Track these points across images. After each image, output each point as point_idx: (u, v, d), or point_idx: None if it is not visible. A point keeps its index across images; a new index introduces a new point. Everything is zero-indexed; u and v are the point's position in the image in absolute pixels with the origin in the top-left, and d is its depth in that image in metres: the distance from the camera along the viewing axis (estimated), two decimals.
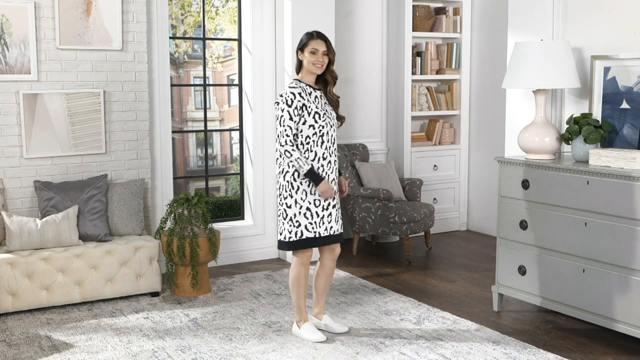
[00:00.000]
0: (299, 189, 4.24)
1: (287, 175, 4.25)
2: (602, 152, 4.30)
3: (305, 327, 4.43)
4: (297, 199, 4.24)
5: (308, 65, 4.26)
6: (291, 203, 4.24)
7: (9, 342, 4.38)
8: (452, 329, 4.61)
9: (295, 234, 4.26)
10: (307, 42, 4.26)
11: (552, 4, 5.01)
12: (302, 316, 4.45)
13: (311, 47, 4.24)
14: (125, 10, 5.51)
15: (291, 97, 4.18)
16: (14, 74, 5.18)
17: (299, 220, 4.25)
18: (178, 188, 6.92)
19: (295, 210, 4.25)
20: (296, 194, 4.24)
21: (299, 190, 4.24)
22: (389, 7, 7.18)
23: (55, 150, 5.35)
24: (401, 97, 7.13)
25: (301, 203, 4.24)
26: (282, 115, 4.18)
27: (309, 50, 4.24)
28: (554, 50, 4.61)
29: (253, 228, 6.42)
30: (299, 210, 4.24)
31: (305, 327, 4.43)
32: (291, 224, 4.25)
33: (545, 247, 4.59)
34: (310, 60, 4.24)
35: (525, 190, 4.68)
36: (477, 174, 7.50)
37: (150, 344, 4.34)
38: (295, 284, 4.40)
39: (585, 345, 4.35)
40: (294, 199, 4.24)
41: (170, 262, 5.31)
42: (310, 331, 4.41)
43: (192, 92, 7.68)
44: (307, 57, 4.25)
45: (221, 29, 7.30)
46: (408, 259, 6.34)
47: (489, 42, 7.19)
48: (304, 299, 4.43)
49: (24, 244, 4.95)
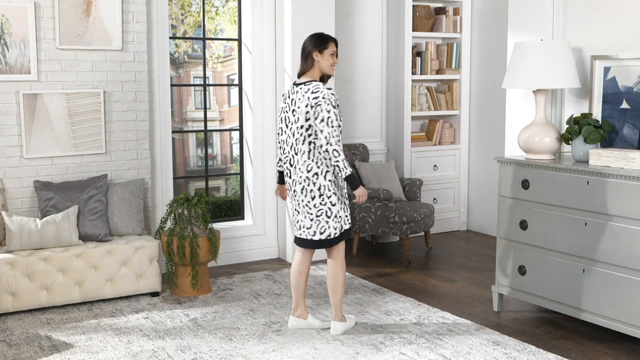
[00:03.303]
0: (337, 185, 4.37)
1: (328, 175, 4.32)
2: (602, 152, 4.30)
3: (349, 317, 4.63)
4: (338, 196, 4.36)
5: (326, 67, 4.38)
6: (335, 201, 4.34)
7: (9, 342, 4.38)
8: (452, 329, 4.61)
9: (340, 228, 4.40)
10: (327, 45, 4.36)
11: (552, 4, 5.01)
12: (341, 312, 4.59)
13: (331, 49, 4.37)
14: (125, 10, 5.51)
15: (335, 99, 4.28)
16: (14, 74, 5.18)
17: (341, 215, 4.38)
18: (178, 188, 6.93)
19: (339, 206, 4.36)
20: (338, 191, 4.36)
21: (338, 186, 4.37)
22: (389, 7, 7.18)
23: (55, 150, 5.35)
24: (401, 97, 7.13)
25: (342, 199, 4.39)
26: (329, 117, 4.24)
27: (330, 53, 4.36)
28: (554, 50, 4.61)
29: (253, 228, 6.42)
30: (341, 205, 4.38)
31: (350, 318, 4.63)
32: (336, 220, 4.37)
33: (545, 247, 4.59)
34: (330, 62, 4.38)
35: (525, 190, 4.68)
36: (477, 174, 7.50)
37: (150, 344, 4.34)
38: (344, 282, 4.52)
39: (585, 345, 4.35)
40: (337, 196, 4.35)
41: (170, 262, 5.31)
42: (351, 319, 4.65)
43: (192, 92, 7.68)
44: (326, 58, 4.36)
45: (221, 29, 7.30)
46: (408, 259, 6.34)
47: (489, 42, 7.19)
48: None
49: (24, 244, 4.95)
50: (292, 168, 4.38)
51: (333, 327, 4.51)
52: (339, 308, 4.52)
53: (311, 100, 4.24)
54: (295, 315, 4.61)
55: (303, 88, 4.31)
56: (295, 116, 4.30)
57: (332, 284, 4.47)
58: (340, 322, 4.52)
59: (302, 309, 4.59)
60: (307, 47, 4.37)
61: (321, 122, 4.22)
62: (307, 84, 4.32)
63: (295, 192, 4.37)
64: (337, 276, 4.46)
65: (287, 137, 4.40)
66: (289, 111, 4.37)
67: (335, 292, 4.48)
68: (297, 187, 4.34)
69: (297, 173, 4.34)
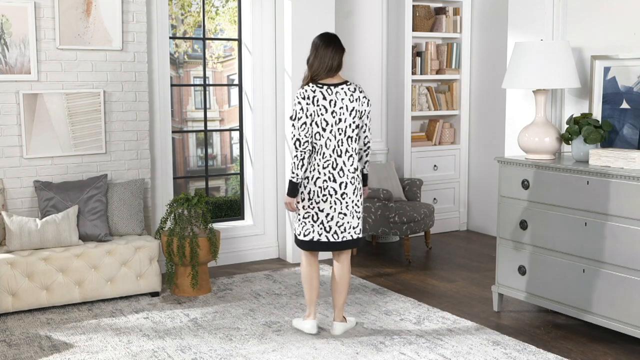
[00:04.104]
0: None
1: (367, 166, 4.45)
2: (602, 152, 4.30)
3: (350, 320, 4.63)
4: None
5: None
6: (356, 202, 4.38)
7: (9, 342, 4.38)
8: (452, 329, 4.61)
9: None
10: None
11: (552, 4, 5.01)
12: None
13: None
14: (125, 10, 5.51)
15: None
16: (14, 74, 5.18)
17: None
18: (178, 188, 6.92)
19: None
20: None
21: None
22: (389, 7, 7.18)
23: (55, 150, 5.35)
24: (401, 97, 7.13)
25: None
26: (370, 119, 4.34)
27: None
28: (554, 50, 4.60)
29: (253, 228, 6.42)
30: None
31: (350, 320, 4.63)
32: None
33: (545, 247, 4.59)
34: None
35: (525, 190, 4.68)
36: (477, 174, 7.50)
37: (150, 344, 4.34)
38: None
39: (585, 345, 4.35)
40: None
41: (170, 262, 5.31)
42: (351, 321, 4.68)
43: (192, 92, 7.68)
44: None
45: (221, 29, 7.30)
46: (408, 259, 6.34)
47: (489, 42, 7.19)
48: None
49: (24, 244, 4.95)
50: (335, 171, 4.28)
51: (337, 327, 4.51)
52: (343, 308, 4.54)
53: (363, 94, 4.32)
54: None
55: (350, 88, 4.31)
56: (345, 117, 4.25)
57: (345, 284, 4.47)
58: (341, 323, 4.53)
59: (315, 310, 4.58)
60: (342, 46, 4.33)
61: (367, 119, 4.34)
62: (349, 84, 4.32)
63: (345, 194, 4.29)
64: (349, 276, 4.49)
65: (326, 140, 4.26)
66: (329, 112, 4.24)
67: (345, 293, 4.48)
68: (349, 188, 4.30)
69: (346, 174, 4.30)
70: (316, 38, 4.32)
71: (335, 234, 4.31)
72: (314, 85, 4.24)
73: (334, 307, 4.51)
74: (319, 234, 4.31)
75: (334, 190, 4.26)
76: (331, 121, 4.22)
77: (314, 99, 4.21)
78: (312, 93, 4.22)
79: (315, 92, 4.22)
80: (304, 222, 4.32)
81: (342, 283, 4.45)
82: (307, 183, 4.27)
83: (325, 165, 4.25)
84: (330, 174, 4.25)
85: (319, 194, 4.25)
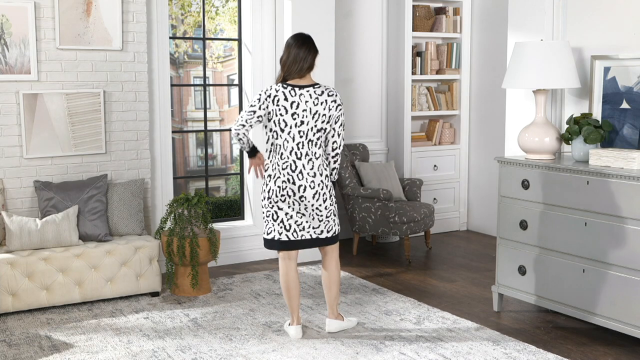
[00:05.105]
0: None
1: (334, 173, 4.42)
2: (602, 152, 4.30)
3: (350, 320, 4.65)
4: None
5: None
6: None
7: (9, 342, 4.38)
8: (452, 329, 4.61)
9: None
10: None
11: (552, 4, 5.01)
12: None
13: None
14: (125, 10, 5.51)
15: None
16: (14, 74, 5.18)
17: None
18: (178, 188, 6.92)
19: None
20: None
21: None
22: (389, 7, 7.18)
23: (55, 150, 5.35)
24: (401, 97, 7.13)
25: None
26: (344, 121, 4.35)
27: None
28: (554, 50, 4.60)
29: (253, 228, 6.42)
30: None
31: (350, 320, 4.65)
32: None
33: (545, 247, 4.59)
34: None
35: (525, 190, 4.68)
36: (477, 174, 7.50)
37: (150, 344, 4.34)
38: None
39: (585, 345, 4.35)
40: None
41: (170, 262, 5.31)
42: (352, 321, 4.69)
43: (192, 92, 7.68)
44: None
45: (221, 29, 7.30)
46: (408, 259, 6.34)
47: (489, 42, 7.19)
48: None
49: (24, 244, 4.95)
50: (294, 173, 4.27)
51: (329, 324, 4.51)
52: (335, 305, 4.53)
53: (338, 98, 4.30)
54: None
55: (322, 90, 4.29)
56: (307, 120, 4.21)
57: (334, 280, 4.47)
58: (335, 320, 4.53)
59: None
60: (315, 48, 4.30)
61: (340, 126, 4.35)
62: (317, 87, 4.28)
63: (304, 197, 4.27)
64: (337, 272, 4.49)
65: (284, 141, 4.26)
66: (289, 113, 4.21)
67: (335, 289, 4.49)
68: (308, 192, 4.27)
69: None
70: (290, 38, 4.29)
71: (295, 233, 4.30)
72: (280, 85, 4.23)
73: (327, 304, 4.53)
74: (279, 233, 4.30)
75: (292, 192, 4.23)
76: (290, 123, 4.19)
77: (274, 98, 4.18)
78: (274, 92, 4.20)
79: (278, 92, 4.19)
80: (267, 220, 4.33)
81: (330, 279, 4.47)
82: (269, 181, 4.26)
83: (284, 166, 4.22)
84: (290, 175, 4.21)
85: (278, 193, 4.23)
